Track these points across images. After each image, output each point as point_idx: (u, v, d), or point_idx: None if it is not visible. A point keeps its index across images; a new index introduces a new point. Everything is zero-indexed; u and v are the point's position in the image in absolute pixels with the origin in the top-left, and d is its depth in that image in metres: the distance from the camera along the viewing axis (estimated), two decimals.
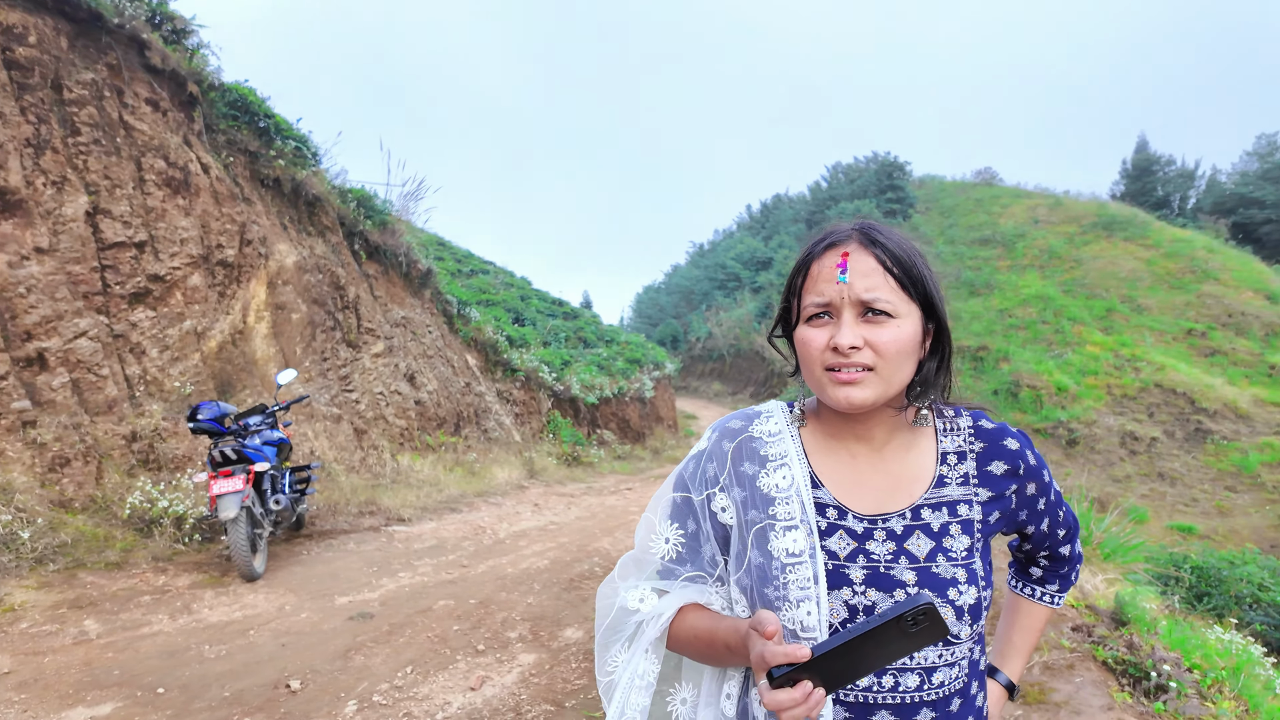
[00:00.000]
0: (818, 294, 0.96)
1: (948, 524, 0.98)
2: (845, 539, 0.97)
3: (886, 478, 1.01)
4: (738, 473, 1.02)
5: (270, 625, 4.07)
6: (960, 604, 0.93)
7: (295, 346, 7.81)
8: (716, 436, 1.07)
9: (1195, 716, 2.96)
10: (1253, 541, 15.87)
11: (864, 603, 0.93)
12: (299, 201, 8.84)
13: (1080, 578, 5.31)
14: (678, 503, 1.07)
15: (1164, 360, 22.99)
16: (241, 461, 4.82)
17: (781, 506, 0.98)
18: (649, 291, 54.70)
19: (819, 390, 0.98)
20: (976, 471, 1.02)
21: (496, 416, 11.94)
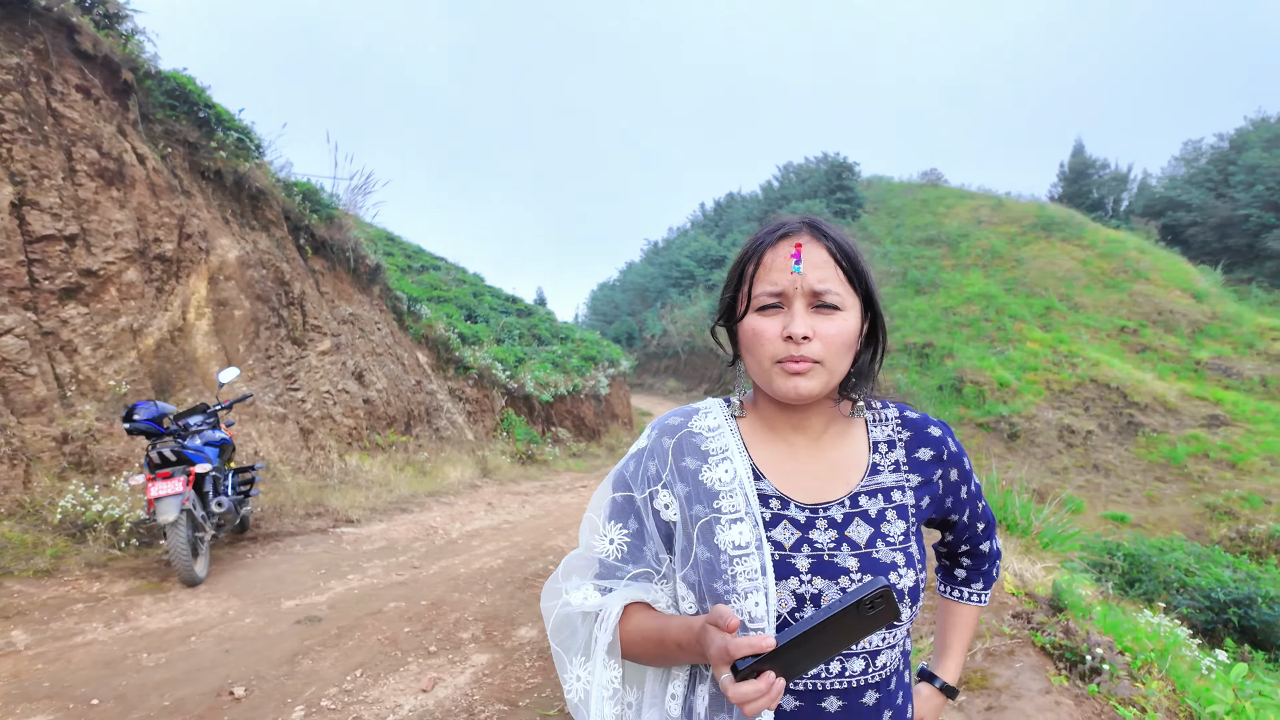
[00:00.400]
0: (771, 283, 0.96)
1: (884, 510, 1.01)
2: (789, 529, 0.98)
3: (825, 467, 1.03)
4: (679, 468, 1.01)
5: (213, 631, 3.95)
6: (901, 587, 0.96)
7: (238, 344, 7.58)
8: (656, 434, 1.06)
9: (1126, 696, 3.10)
10: (1180, 529, 16.66)
11: (810, 591, 0.95)
12: (242, 195, 8.58)
13: (1020, 566, 5.51)
14: (619, 502, 1.05)
15: (1099, 356, 23.93)
16: (181, 463, 4.66)
17: (726, 500, 0.98)
18: (603, 289, 54.64)
19: (766, 381, 0.98)
20: (906, 459, 1.06)
21: (448, 415, 11.79)
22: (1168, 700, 3.21)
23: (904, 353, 26.21)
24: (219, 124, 8.28)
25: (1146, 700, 3.10)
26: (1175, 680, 3.41)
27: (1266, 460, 19.54)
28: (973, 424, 21.89)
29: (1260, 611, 8.10)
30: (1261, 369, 24.02)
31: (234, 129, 8.49)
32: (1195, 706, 3.10)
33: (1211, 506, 17.95)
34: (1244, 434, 20.71)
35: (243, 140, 8.58)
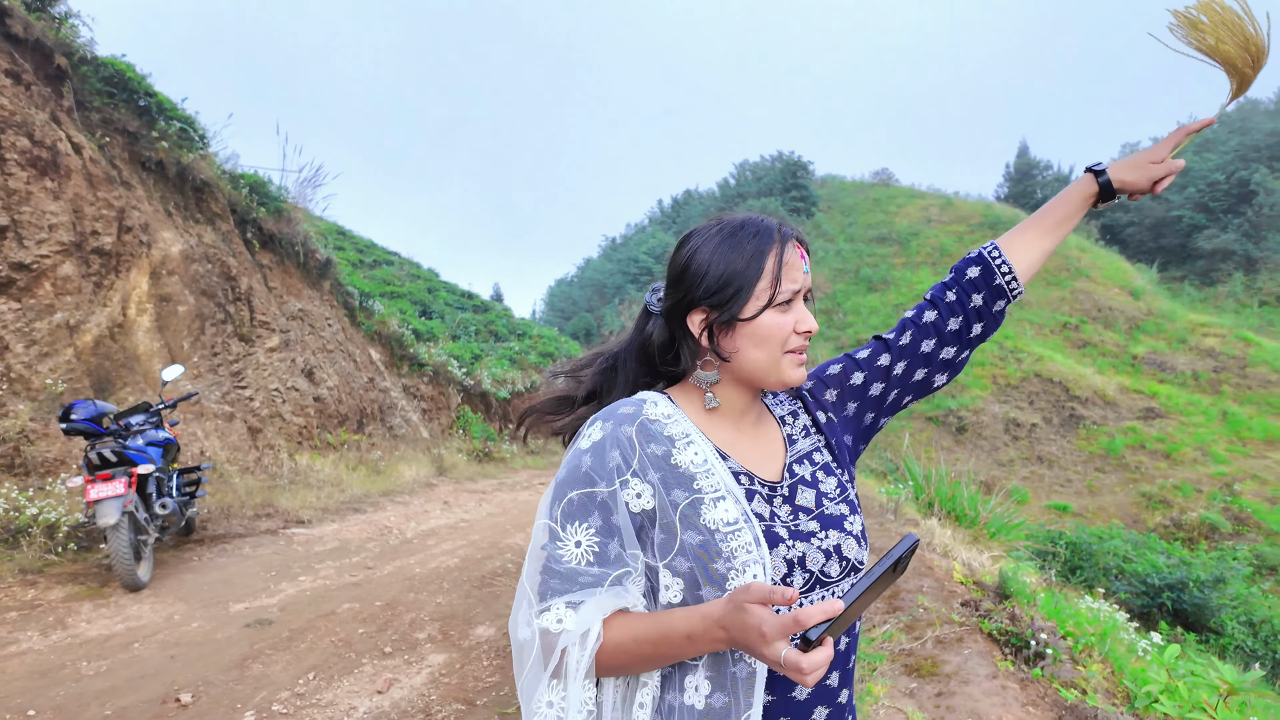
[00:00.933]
0: (792, 281, 1.02)
1: (814, 472, 1.09)
2: (762, 503, 1.02)
3: (764, 446, 1.10)
4: (648, 455, 0.99)
5: (157, 637, 3.83)
6: (855, 532, 1.04)
7: (182, 341, 7.34)
8: (612, 425, 1.00)
9: (1068, 679, 3.22)
10: (1118, 518, 17.34)
11: (795, 554, 0.98)
12: (185, 187, 8.31)
13: (968, 555, 5.66)
14: (579, 500, 0.98)
15: (1042, 352, 24.73)
16: (123, 464, 4.50)
17: (704, 480, 0.98)
18: (561, 284, 54.44)
19: (771, 370, 1.03)
20: (810, 420, 1.15)
21: (403, 413, 11.61)
22: (1106, 682, 3.34)
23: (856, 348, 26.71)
24: (160, 113, 8.00)
25: (1087, 682, 3.22)
26: (1114, 662, 3.56)
27: (1197, 451, 20.45)
28: (923, 418, 22.44)
29: (1191, 595, 8.48)
30: (1193, 363, 25.13)
31: (176, 118, 8.21)
32: (1132, 687, 3.23)
33: (1147, 495, 18.73)
34: (1177, 426, 21.64)
35: (186, 130, 8.30)
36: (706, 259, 1.03)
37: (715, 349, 1.04)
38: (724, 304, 1.01)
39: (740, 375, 1.05)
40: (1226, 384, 23.97)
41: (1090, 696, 3.08)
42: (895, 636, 3.77)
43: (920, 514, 7.26)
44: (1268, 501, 18.15)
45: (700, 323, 1.04)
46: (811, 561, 0.99)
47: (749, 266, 1.01)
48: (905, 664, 3.47)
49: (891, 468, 11.19)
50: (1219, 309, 31.23)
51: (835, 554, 1.01)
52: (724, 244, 1.03)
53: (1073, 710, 2.96)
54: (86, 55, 7.16)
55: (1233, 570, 9.73)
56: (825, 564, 1.00)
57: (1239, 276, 34.05)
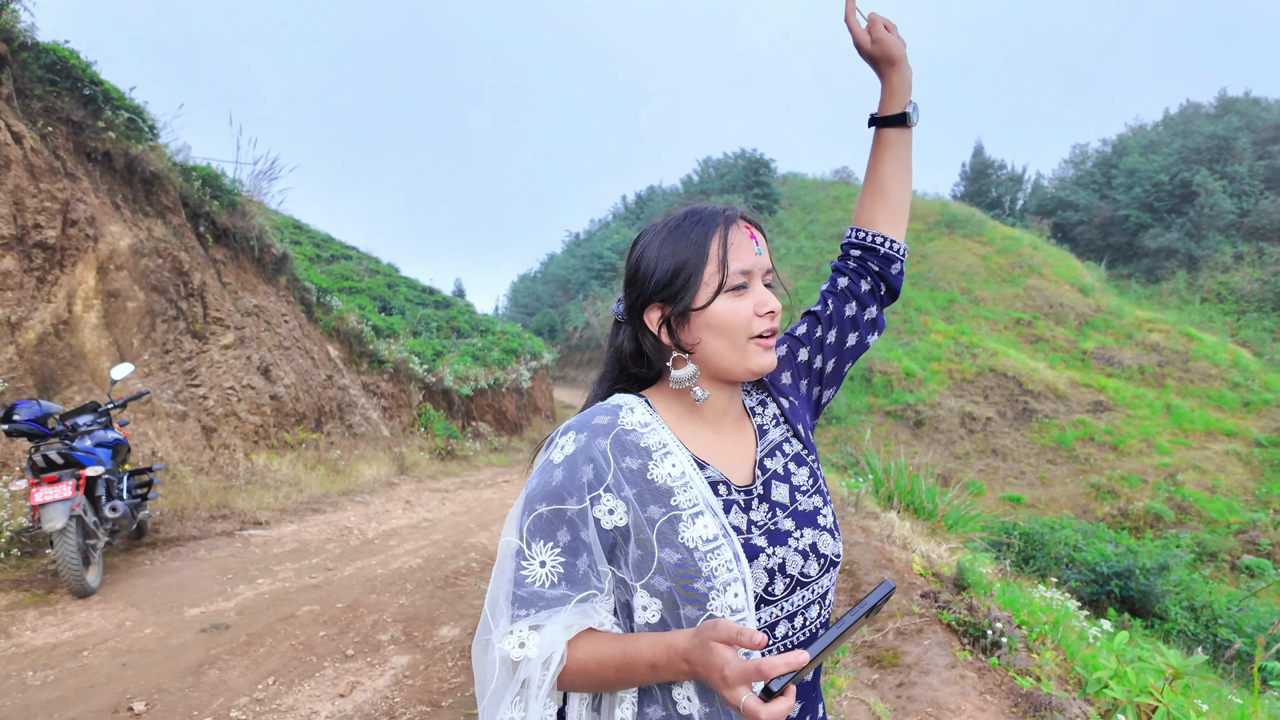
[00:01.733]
0: (740, 262, 0.98)
1: (786, 464, 1.06)
2: (739, 512, 0.99)
3: (741, 445, 1.07)
4: (623, 469, 0.95)
5: (108, 644, 3.72)
6: (829, 525, 1.03)
7: (132, 338, 7.12)
8: (585, 436, 0.96)
9: (1023, 667, 3.31)
10: (1069, 508, 17.88)
11: (776, 562, 0.97)
12: (134, 179, 8.04)
13: (927, 547, 5.78)
14: (547, 517, 0.94)
15: (997, 347, 25.34)
16: (70, 466, 4.34)
17: (682, 495, 0.95)
18: (524, 280, 54.08)
19: (738, 360, 1.00)
20: (778, 410, 1.12)
21: (362, 411, 11.42)
22: (1059, 669, 3.44)
23: None
24: (107, 102, 7.73)
25: (1041, 670, 3.32)
26: (1066, 649, 3.67)
27: (1143, 443, 21.17)
28: (881, 412, 22.83)
29: (1138, 582, 8.79)
30: (1139, 358, 26.00)
31: (124, 108, 7.94)
32: (1083, 673, 3.34)
33: (1096, 486, 19.34)
34: (1124, 419, 22.37)
35: (134, 120, 8.03)
36: (655, 254, 1.01)
37: (677, 344, 1.01)
38: (674, 296, 0.99)
39: (708, 369, 1.02)
40: (1170, 378, 24.86)
41: (1044, 683, 3.17)
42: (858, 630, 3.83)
43: (880, 506, 7.39)
44: (1208, 491, 18.88)
45: (657, 320, 1.01)
46: (791, 565, 0.98)
47: (694, 254, 0.98)
48: (867, 655, 3.53)
49: (852, 461, 11.37)
50: (1163, 305, 32.36)
51: (813, 552, 1.00)
52: (670, 237, 1.01)
53: (1028, 698, 3.05)
54: (27, 41, 6.88)
55: (1176, 558, 10.10)
56: (804, 565, 0.99)
57: (1182, 274, 35.29)
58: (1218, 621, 9.11)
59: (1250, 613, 9.74)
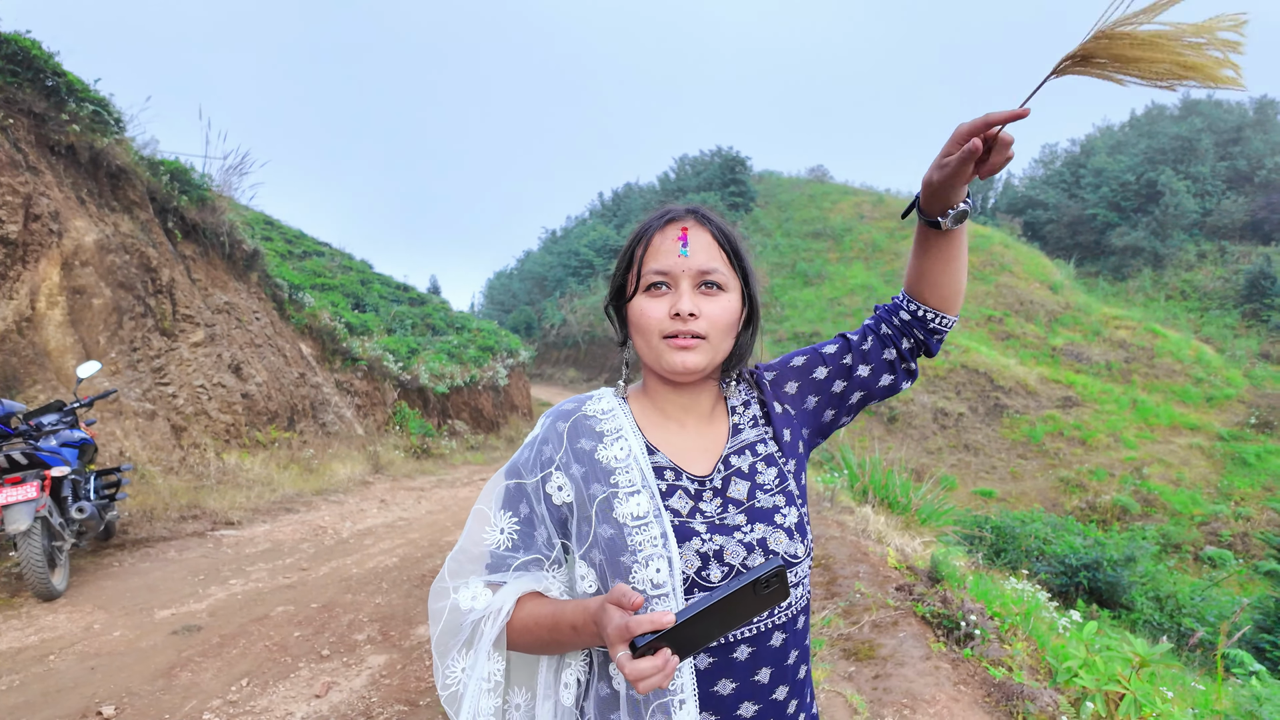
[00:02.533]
0: (658, 264, 1.03)
1: (754, 463, 1.09)
2: (684, 497, 1.03)
3: (709, 441, 1.10)
4: (575, 450, 1.05)
5: (75, 648, 3.64)
6: (787, 525, 1.04)
7: (99, 336, 6.96)
8: (550, 420, 1.08)
9: (996, 658, 3.37)
10: (1039, 502, 18.19)
11: (712, 548, 0.99)
12: (99, 173, 7.86)
13: (901, 541, 5.86)
14: (510, 489, 1.06)
15: (968, 344, 25.68)
16: (35, 466, 4.25)
17: (622, 475, 1.01)
18: (500, 277, 53.75)
19: (655, 357, 1.04)
20: (761, 411, 1.14)
21: (336, 409, 11.28)
22: (1031, 659, 3.51)
23: (793, 342, 27.22)
24: (70, 94, 7.54)
25: (1013, 660, 3.38)
26: (1036, 640, 3.74)
27: (1110, 437, 21.61)
28: None
29: (1105, 574, 8.97)
30: (1106, 354, 26.51)
31: (89, 100, 7.75)
32: (1054, 663, 3.40)
33: (1065, 480, 19.70)
34: (1092, 414, 22.81)
35: (99, 113, 7.85)
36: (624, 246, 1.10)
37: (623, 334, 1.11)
38: (615, 291, 1.09)
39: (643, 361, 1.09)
40: (1136, 373, 25.39)
41: (1016, 673, 3.23)
42: (834, 622, 3.87)
43: (855, 501, 7.47)
44: (1172, 484, 19.33)
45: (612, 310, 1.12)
46: (731, 555, 0.99)
47: (627, 254, 1.07)
48: (844, 648, 3.57)
49: (828, 457, 11.47)
50: (1129, 303, 33.02)
51: (760, 547, 1.01)
52: (633, 230, 1.09)
53: (1000, 687, 3.10)
54: None
55: (1142, 549, 10.32)
56: (747, 557, 1.00)
57: (1148, 272, 36.04)
58: (1182, 611, 9.34)
59: (1212, 602, 9.99)
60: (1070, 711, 2.97)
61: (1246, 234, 36.34)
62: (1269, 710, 2.98)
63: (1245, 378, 25.60)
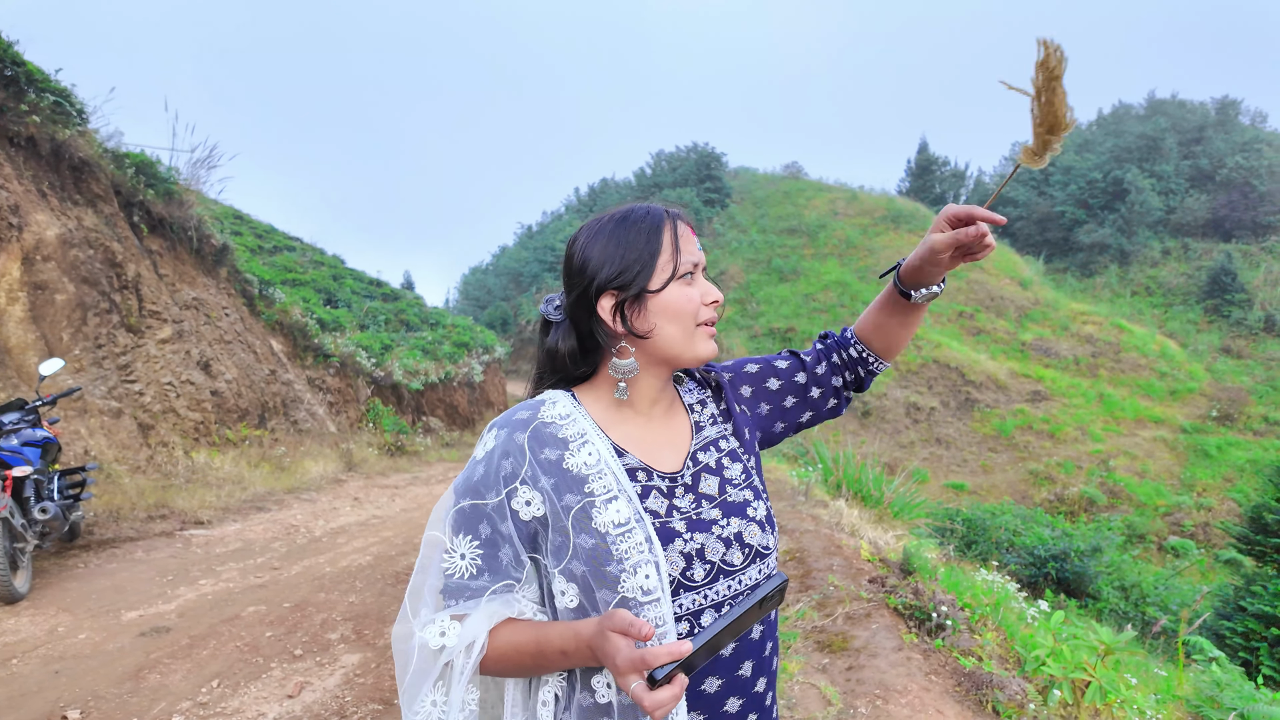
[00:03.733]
0: (690, 254, 1.04)
1: (720, 459, 1.10)
2: (659, 497, 1.02)
3: (672, 434, 1.10)
4: (540, 461, 0.99)
5: (39, 651, 3.57)
6: (759, 518, 1.06)
7: (61, 332, 6.81)
8: (506, 432, 1.01)
9: (966, 648, 3.43)
10: (1009, 494, 18.52)
11: (693, 547, 0.99)
12: (61, 166, 7.67)
13: (874, 534, 5.93)
14: (466, 511, 0.99)
15: (940, 339, 26.02)
16: None
17: (596, 482, 0.98)
18: (475, 273, 53.32)
19: (686, 346, 1.05)
20: (717, 410, 1.17)
21: (308, 406, 11.14)
22: (1000, 648, 3.58)
23: (769, 337, 27.38)
24: (30, 85, 7.35)
25: (983, 650, 3.44)
26: (1006, 630, 3.81)
27: (1078, 430, 22.04)
28: None
29: (1073, 564, 9.16)
30: (1074, 349, 27.03)
31: (49, 91, 7.56)
32: (1022, 652, 3.47)
33: (1034, 473, 20.07)
34: (1060, 407, 23.25)
35: (61, 104, 7.66)
36: (604, 245, 1.04)
37: (630, 330, 1.04)
38: (630, 282, 1.02)
39: (658, 355, 1.05)
40: (1103, 368, 25.92)
41: (986, 663, 3.29)
42: (808, 614, 3.91)
43: (829, 495, 7.54)
44: (1137, 476, 19.78)
45: (611, 307, 1.04)
46: (711, 552, 0.99)
47: (648, 244, 1.03)
48: (817, 640, 3.61)
49: (801, 451, 11.57)
50: (1096, 298, 33.67)
51: (736, 541, 1.02)
52: (618, 229, 1.05)
53: (970, 676, 3.15)
54: None
55: (1108, 540, 10.56)
56: (726, 553, 1.00)
57: (1114, 268, 36.78)
58: (1146, 600, 9.57)
59: (1175, 591, 10.26)
60: (1038, 699, 3.04)
61: (1208, 231, 37.24)
62: (1229, 695, 3.07)
63: (1207, 372, 26.28)
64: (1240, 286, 31.36)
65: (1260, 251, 34.68)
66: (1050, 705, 2.98)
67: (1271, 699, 3.17)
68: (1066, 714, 2.99)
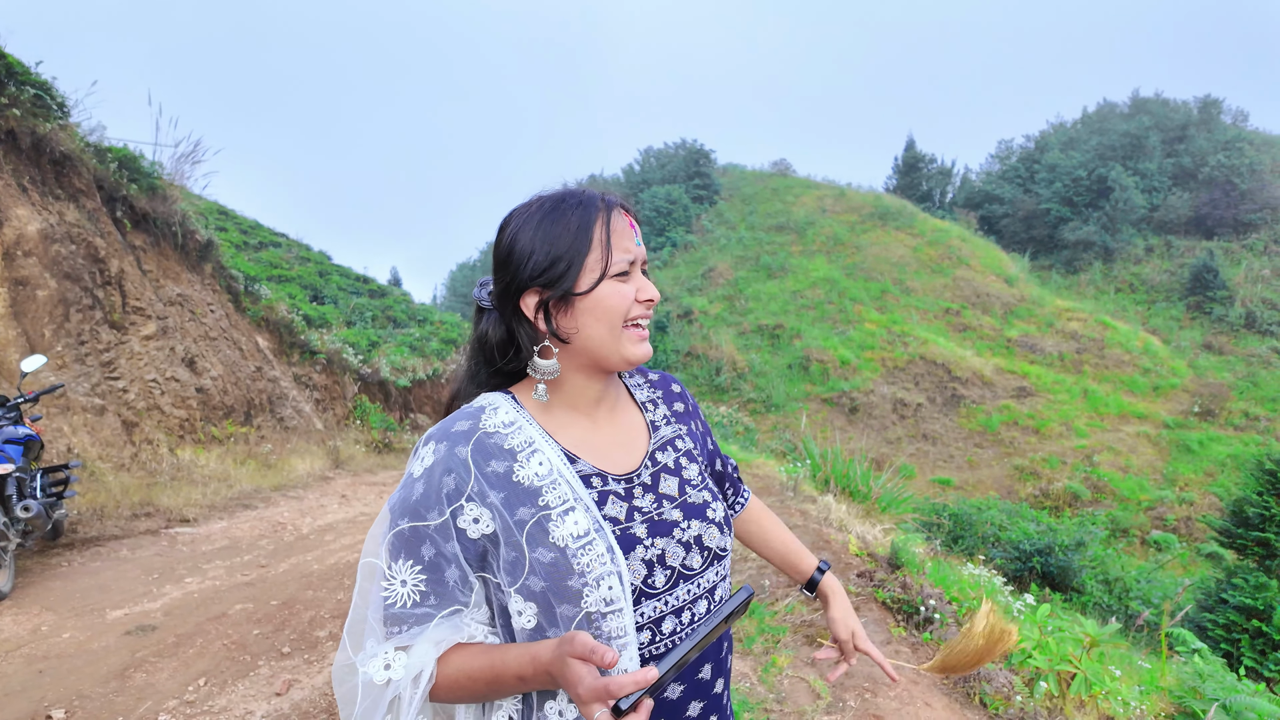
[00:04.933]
0: (624, 251, 0.97)
1: (678, 459, 1.07)
2: (617, 502, 0.97)
3: (623, 434, 1.06)
4: (487, 475, 0.93)
5: (22, 651, 3.53)
6: (718, 520, 1.04)
7: (44, 329, 6.73)
8: (445, 446, 0.94)
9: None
10: (994, 490, 18.67)
11: (655, 553, 0.95)
12: (42, 160, 7.57)
13: (862, 529, 5.96)
14: (406, 534, 0.92)
15: (926, 335, 26.18)
16: None
17: (550, 493, 0.93)
18: (464, 269, 53.15)
19: (614, 348, 0.98)
20: (669, 411, 1.15)
21: (294, 403, 11.07)
22: None
23: (757, 334, 27.43)
24: (10, 77, 7.24)
25: None
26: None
27: (1062, 426, 22.25)
28: (818, 399, 23.35)
29: (1057, 559, 9.25)
30: (1059, 345, 27.27)
31: (29, 83, 7.45)
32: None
33: (1019, 468, 20.24)
34: (1045, 403, 23.46)
35: (41, 97, 7.55)
36: (530, 237, 0.97)
37: (554, 331, 0.98)
38: (556, 280, 0.95)
39: (584, 357, 1.00)
40: (1087, 364, 26.17)
41: None
42: (796, 609, 3.93)
43: (817, 491, 7.57)
44: (1121, 471, 19.99)
45: (535, 305, 0.98)
46: (671, 557, 0.96)
47: (577, 239, 0.96)
48: (806, 635, 3.63)
49: (790, 447, 11.61)
50: (1081, 295, 34.00)
51: (696, 545, 0.99)
52: (546, 220, 0.97)
53: None
54: None
55: (1091, 534, 10.67)
56: (686, 557, 0.98)
57: (1098, 265, 37.13)
58: (1129, 593, 9.69)
59: (1157, 584, 10.38)
60: (1025, 691, 3.07)
61: (1191, 229, 37.65)
62: (1210, 686, 3.11)
63: (1189, 368, 26.58)
64: (1222, 283, 31.73)
65: (1241, 249, 35.10)
66: (1037, 697, 3.01)
67: (1253, 690, 3.21)
68: (1053, 706, 3.02)
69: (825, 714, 2.91)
